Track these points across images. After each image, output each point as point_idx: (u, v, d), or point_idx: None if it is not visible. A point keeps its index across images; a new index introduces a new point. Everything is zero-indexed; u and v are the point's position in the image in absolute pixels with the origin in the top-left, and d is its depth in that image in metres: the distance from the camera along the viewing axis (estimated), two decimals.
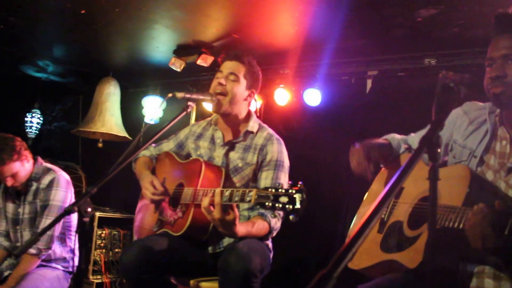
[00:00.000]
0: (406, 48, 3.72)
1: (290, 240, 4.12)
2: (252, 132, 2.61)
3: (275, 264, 2.60)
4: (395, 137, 2.26)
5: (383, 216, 2.01)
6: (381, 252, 1.90)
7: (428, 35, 3.49)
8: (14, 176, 3.08)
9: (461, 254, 1.72)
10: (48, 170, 3.24)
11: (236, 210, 2.15)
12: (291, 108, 4.41)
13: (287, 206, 1.82)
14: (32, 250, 3.02)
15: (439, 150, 1.27)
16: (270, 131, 2.67)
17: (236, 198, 2.07)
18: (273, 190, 1.87)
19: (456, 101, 1.50)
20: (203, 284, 2.48)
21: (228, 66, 2.57)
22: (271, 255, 2.56)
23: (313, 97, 4.14)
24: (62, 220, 3.11)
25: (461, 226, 1.60)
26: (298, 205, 1.81)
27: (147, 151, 2.88)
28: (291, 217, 1.82)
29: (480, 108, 1.96)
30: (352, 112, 4.09)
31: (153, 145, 2.89)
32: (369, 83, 4.04)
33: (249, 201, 1.98)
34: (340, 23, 3.44)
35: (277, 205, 1.84)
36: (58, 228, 3.12)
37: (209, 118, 2.80)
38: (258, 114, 4.50)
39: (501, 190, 1.72)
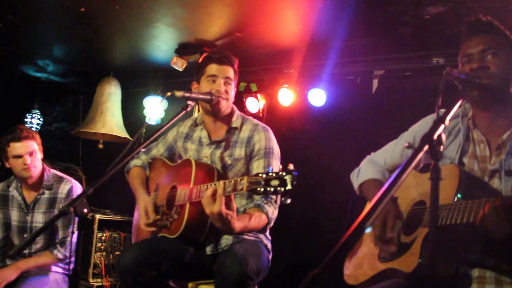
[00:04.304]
0: (414, 46, 3.70)
1: (293, 243, 4.08)
2: (236, 128, 2.60)
3: (278, 267, 2.57)
4: (376, 172, 2.24)
5: None
6: (379, 263, 1.92)
7: (436, 33, 3.46)
8: (32, 154, 3.07)
9: (459, 256, 1.71)
10: (60, 178, 3.25)
11: (234, 203, 2.15)
12: (295, 108, 4.37)
13: (278, 188, 1.83)
14: (59, 255, 3.10)
15: (441, 148, 1.25)
16: (255, 121, 2.66)
17: (229, 189, 2.07)
18: (264, 175, 1.87)
19: (459, 98, 1.50)
20: (201, 287, 2.48)
21: (221, 70, 2.55)
22: (270, 256, 2.55)
23: (318, 97, 4.11)
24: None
25: (453, 221, 1.62)
26: (289, 186, 1.82)
27: (139, 160, 2.85)
28: (282, 199, 1.86)
29: (454, 117, 1.97)
30: (358, 113, 4.07)
31: (143, 150, 2.84)
32: (375, 83, 4.03)
33: (241, 189, 1.98)
34: (346, 21, 3.43)
35: (268, 189, 1.84)
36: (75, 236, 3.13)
37: (194, 117, 2.79)
38: (261, 115, 4.46)
39: (491, 185, 1.75)
